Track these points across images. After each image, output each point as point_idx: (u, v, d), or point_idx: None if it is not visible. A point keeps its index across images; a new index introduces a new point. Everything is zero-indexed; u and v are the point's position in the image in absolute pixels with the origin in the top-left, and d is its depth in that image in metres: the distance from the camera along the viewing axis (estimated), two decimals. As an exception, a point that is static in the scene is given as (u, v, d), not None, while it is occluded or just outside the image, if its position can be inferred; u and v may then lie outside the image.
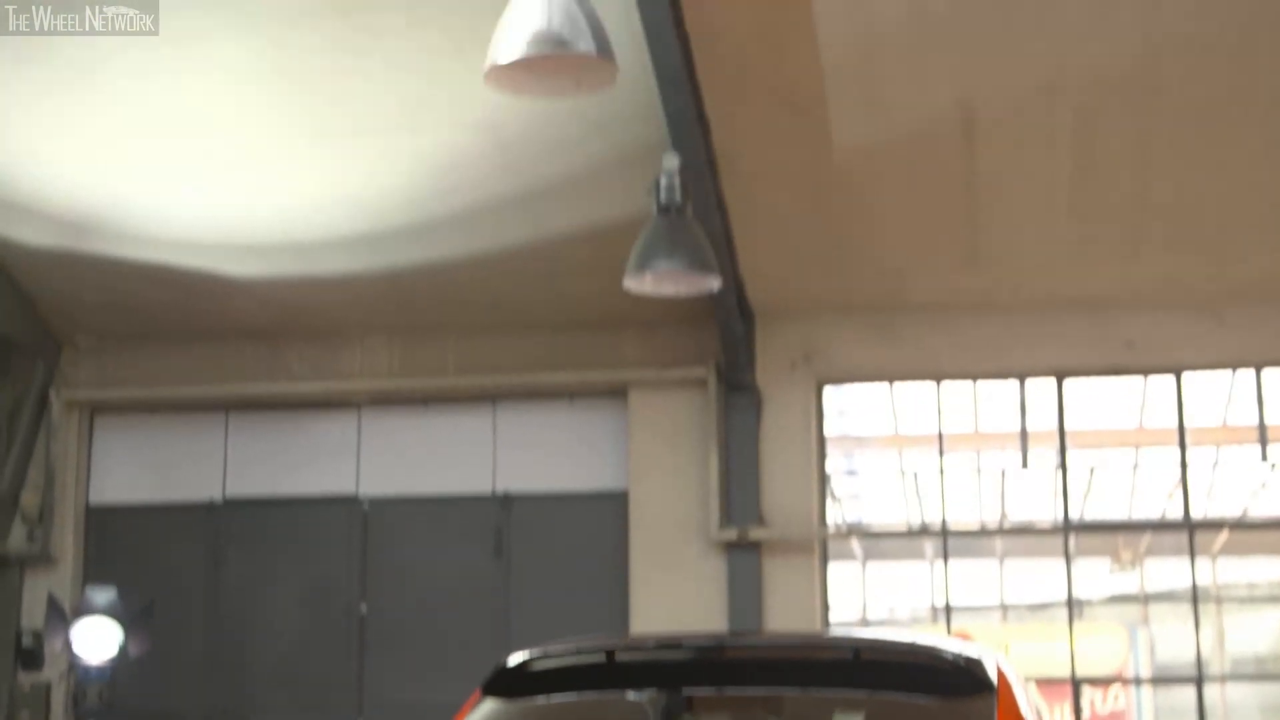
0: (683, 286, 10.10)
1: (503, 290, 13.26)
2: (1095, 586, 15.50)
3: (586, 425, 13.90)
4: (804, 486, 13.38)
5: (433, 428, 14.07)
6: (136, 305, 13.60)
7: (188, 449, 14.29)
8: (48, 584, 13.63)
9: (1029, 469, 14.12)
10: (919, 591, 14.94)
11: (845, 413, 14.65)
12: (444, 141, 11.62)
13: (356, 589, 13.97)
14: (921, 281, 13.04)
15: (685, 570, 13.31)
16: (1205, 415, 14.09)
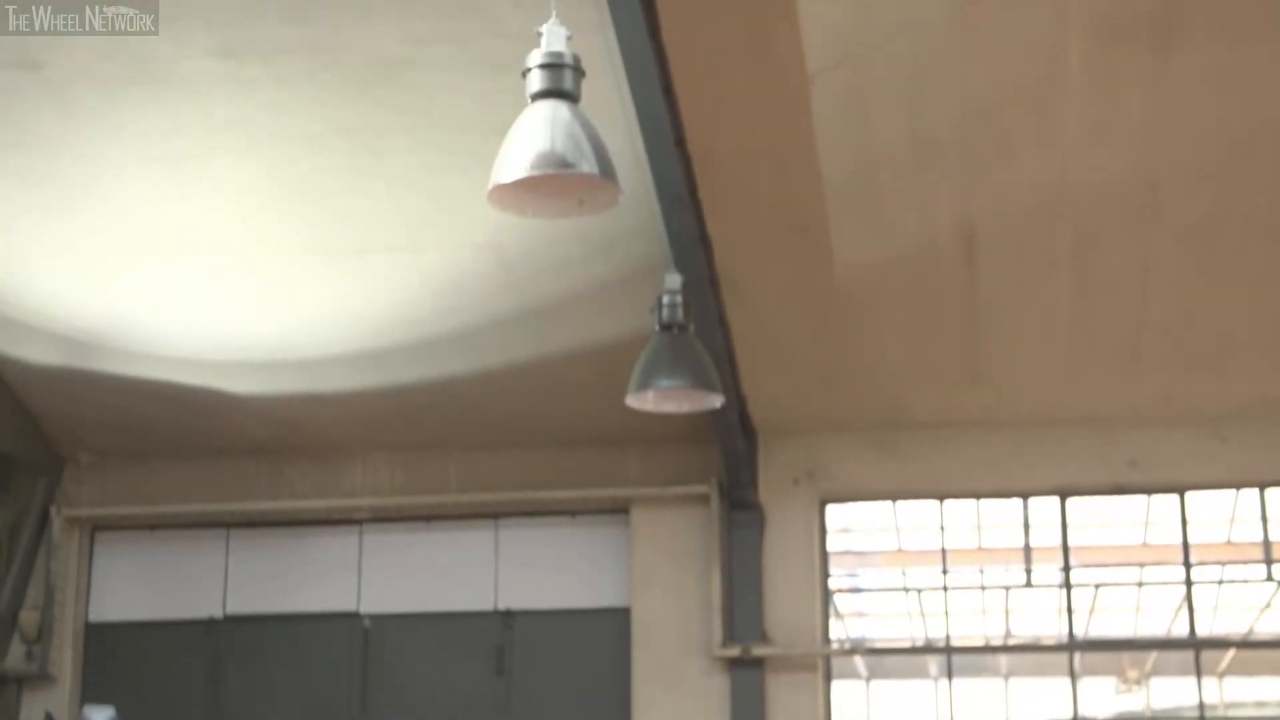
0: (685, 404, 10.12)
1: (505, 407, 13.28)
2: (1101, 704, 15.39)
3: (589, 542, 13.88)
4: (807, 603, 13.34)
5: (434, 544, 14.05)
6: (139, 422, 13.63)
7: (188, 566, 14.26)
8: (46, 703, 13.57)
9: (1033, 586, 14.08)
10: (924, 709, 14.85)
11: (848, 529, 14.63)
12: (447, 260, 11.69)
13: (357, 706, 13.89)
14: (923, 399, 13.07)
15: (688, 687, 13.24)
16: (1209, 533, 14.06)
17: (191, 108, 10.32)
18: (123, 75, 10.04)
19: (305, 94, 10.21)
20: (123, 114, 10.35)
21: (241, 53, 9.90)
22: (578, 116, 5.74)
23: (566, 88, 5.81)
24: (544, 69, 5.84)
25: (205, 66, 9.97)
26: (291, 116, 10.39)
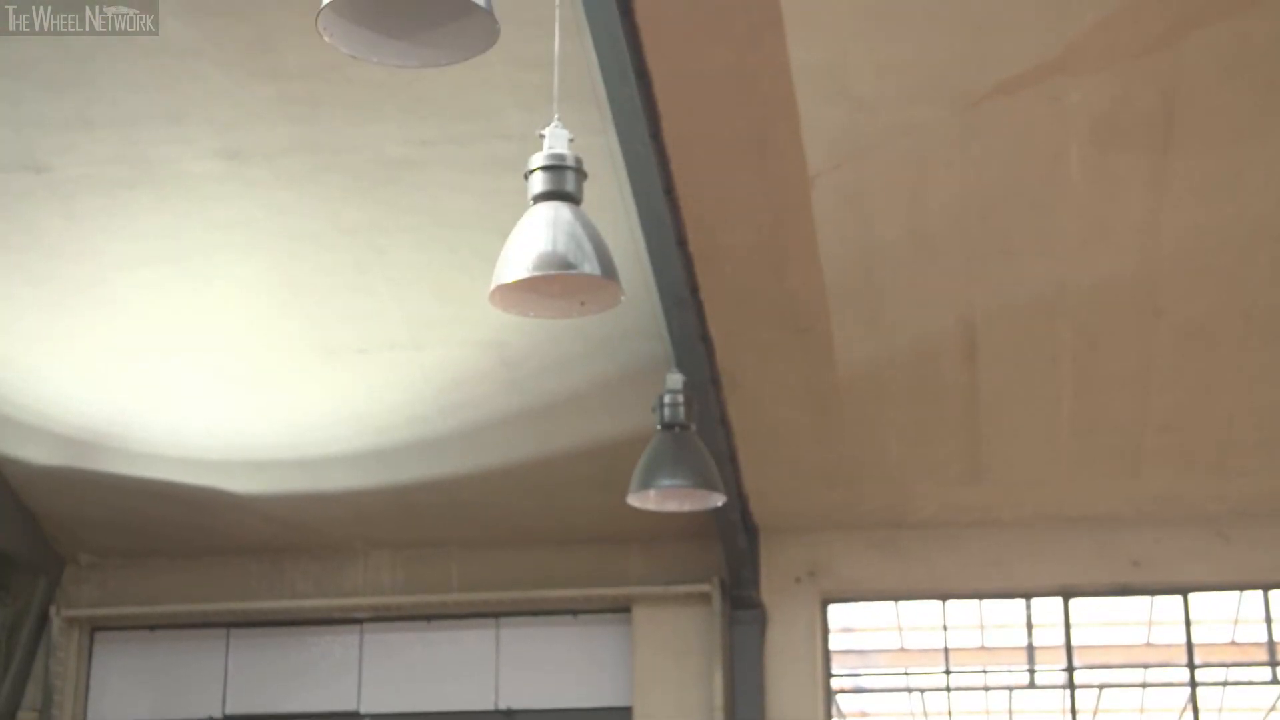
0: (687, 503, 10.12)
1: (507, 505, 13.27)
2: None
3: (590, 640, 13.82)
4: (809, 702, 13.27)
5: (435, 643, 13.99)
6: (140, 522, 13.61)
7: (188, 666, 14.19)
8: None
9: (1036, 686, 14.00)
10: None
11: (850, 628, 14.56)
12: (449, 358, 11.72)
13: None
14: (925, 498, 13.06)
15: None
16: (1214, 633, 13.99)
17: (195, 208, 10.39)
18: (127, 177, 10.13)
19: (309, 193, 10.28)
20: (126, 214, 10.42)
21: (245, 153, 9.98)
22: (579, 217, 5.77)
23: (568, 189, 5.84)
24: (546, 171, 5.87)
25: (209, 167, 10.05)
26: (294, 216, 10.46)
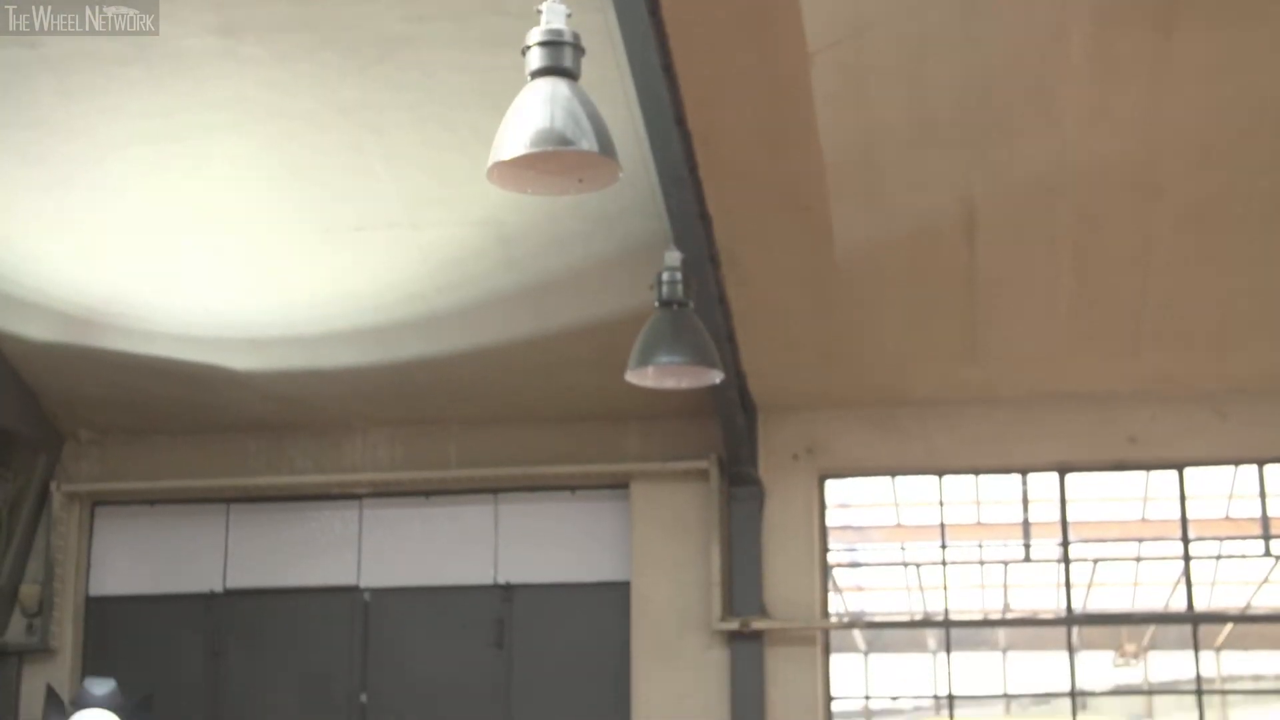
0: (685, 380, 10.14)
1: (505, 383, 13.30)
2: (1099, 678, 15.42)
3: (588, 517, 13.91)
4: (806, 578, 13.37)
5: (434, 519, 14.08)
6: (139, 399, 13.64)
7: (188, 541, 14.29)
8: (46, 675, 13.59)
9: (1032, 561, 14.12)
10: (922, 682, 14.88)
11: (847, 504, 14.65)
12: (447, 237, 11.70)
13: (357, 679, 13.93)
14: (923, 375, 13.08)
15: (687, 661, 13.28)
16: (1208, 508, 14.09)
17: (190, 86, 10.32)
18: (121, 54, 10.04)
19: (304, 72, 10.21)
20: (122, 92, 10.35)
21: (241, 30, 9.90)
22: (577, 94, 5.74)
23: (566, 65, 5.81)
24: (544, 46, 5.84)
25: (204, 44, 9.97)
26: (291, 94, 10.39)
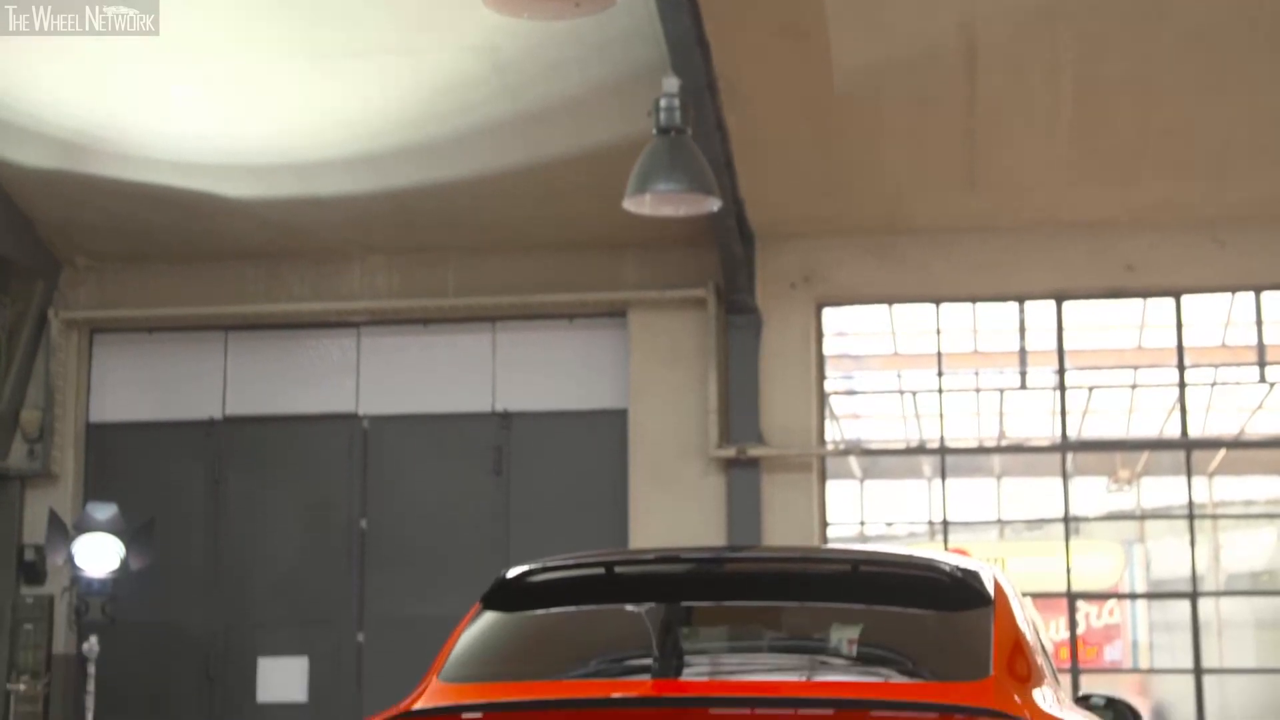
0: (682, 208, 10.12)
1: (502, 211, 13.26)
2: (1092, 504, 15.56)
3: (586, 345, 13.94)
4: (803, 405, 13.44)
5: (432, 347, 14.11)
6: (134, 226, 13.60)
7: (187, 368, 14.33)
8: (49, 500, 13.72)
9: (1028, 388, 14.18)
10: (917, 509, 15.02)
11: (845, 333, 14.68)
12: (442, 63, 11.59)
13: (357, 505, 14.05)
14: (921, 204, 13.05)
15: (684, 488, 13.39)
16: (1204, 336, 14.13)
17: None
18: None
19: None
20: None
21: None
22: (574, -84, 5.66)
23: (563, -110, 5.73)
24: None
25: None
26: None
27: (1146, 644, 15.74)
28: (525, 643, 4.99)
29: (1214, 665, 14.02)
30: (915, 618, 4.86)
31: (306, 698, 13.83)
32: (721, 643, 5.25)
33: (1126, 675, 15.24)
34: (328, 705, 13.64)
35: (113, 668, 13.12)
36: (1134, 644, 15.73)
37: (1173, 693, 14.45)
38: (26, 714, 13.51)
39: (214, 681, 13.91)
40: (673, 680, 4.76)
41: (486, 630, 4.93)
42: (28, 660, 13.65)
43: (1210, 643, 14.21)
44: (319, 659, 13.88)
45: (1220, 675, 14.10)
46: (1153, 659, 15.52)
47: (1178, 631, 14.30)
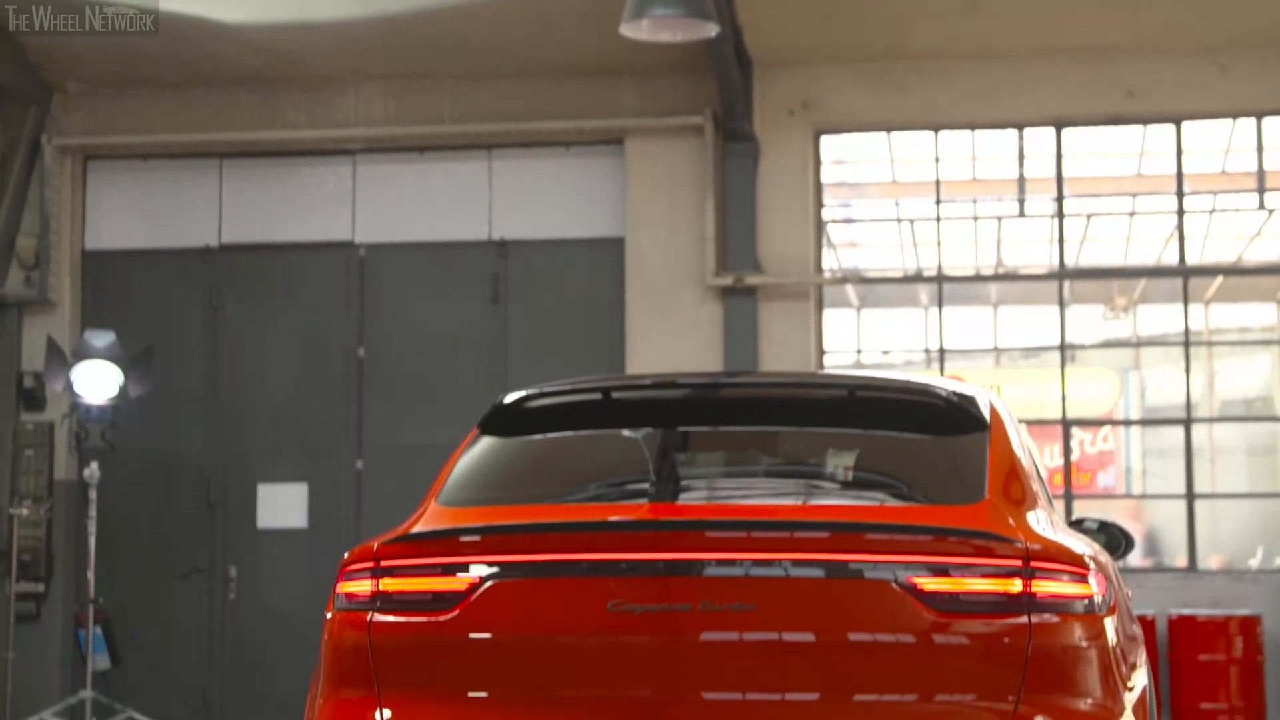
0: (680, 33, 10.03)
1: (499, 37, 13.11)
2: (1088, 332, 15.58)
3: (583, 173, 13.87)
4: (800, 234, 13.41)
5: (428, 174, 14.04)
6: (127, 51, 13.42)
7: (182, 195, 14.26)
8: (46, 327, 13.72)
9: (1026, 216, 14.14)
10: (914, 337, 15.04)
11: (843, 160, 14.60)
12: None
13: (354, 334, 14.07)
14: (921, 29, 12.91)
15: (681, 317, 13.40)
16: (1204, 162, 14.06)
17: None
18: None
19: None
20: None
21: None
22: None
23: None
24: None
25: None
26: None
27: (1140, 470, 15.85)
28: (522, 467, 5.02)
29: (1206, 491, 14.14)
30: (911, 442, 4.89)
31: (306, 524, 13.96)
32: (718, 468, 5.29)
33: (1120, 501, 15.37)
34: (327, 531, 13.76)
35: (114, 494, 13.22)
36: (1127, 470, 15.84)
37: (1165, 518, 14.60)
38: (29, 538, 13.65)
39: (214, 508, 14.03)
40: (669, 504, 4.79)
41: (484, 455, 4.96)
42: (29, 486, 13.76)
43: (1203, 469, 14.32)
44: (318, 486, 13.99)
45: (1212, 500, 14.22)
46: (1146, 485, 15.64)
47: (1171, 458, 14.41)
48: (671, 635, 4.17)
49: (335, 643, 4.40)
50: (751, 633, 4.16)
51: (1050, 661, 4.12)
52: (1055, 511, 4.80)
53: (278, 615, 13.63)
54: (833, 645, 4.15)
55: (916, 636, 4.12)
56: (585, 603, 4.21)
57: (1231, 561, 14.17)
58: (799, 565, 4.18)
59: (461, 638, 4.26)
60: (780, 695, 4.14)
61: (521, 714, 4.18)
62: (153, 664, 13.22)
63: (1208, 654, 12.49)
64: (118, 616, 13.03)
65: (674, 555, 4.20)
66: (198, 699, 13.63)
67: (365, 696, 4.31)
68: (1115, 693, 4.22)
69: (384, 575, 4.34)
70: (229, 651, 13.89)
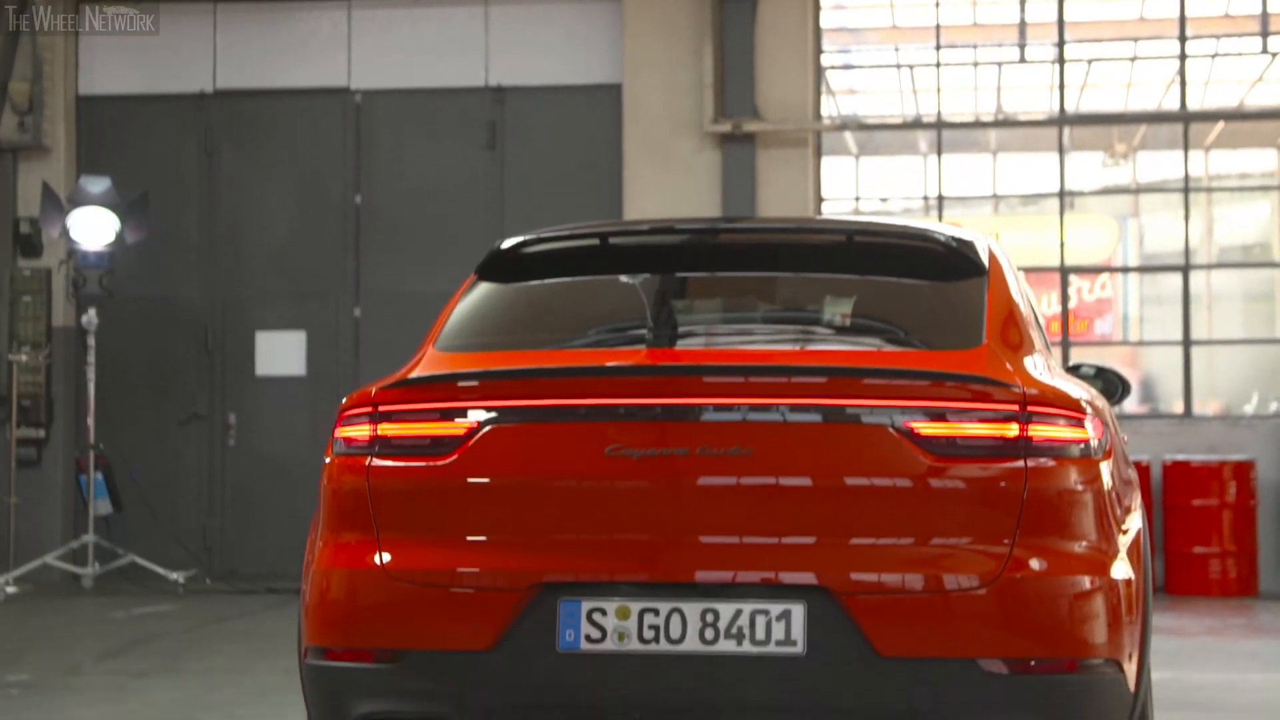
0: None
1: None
2: (1088, 179, 15.50)
3: (580, 18, 13.74)
4: (799, 80, 13.31)
5: (424, 21, 13.90)
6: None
7: (176, 40, 14.10)
8: (41, 173, 13.67)
9: (1026, 62, 14.03)
10: (912, 184, 14.98)
11: (842, 5, 14.45)
12: None
13: (350, 181, 14.01)
14: None
15: (679, 164, 13.34)
16: (1206, 5, 13.92)
17: None
18: None
19: None
20: None
21: None
22: None
23: None
24: None
25: None
26: None
27: (1137, 318, 15.85)
28: (520, 313, 5.01)
29: (1203, 337, 14.17)
30: (909, 288, 4.88)
31: (305, 371, 13.99)
32: (716, 313, 5.28)
33: (1117, 348, 15.40)
34: (326, 378, 13.80)
35: (112, 340, 13.25)
36: (1124, 317, 15.85)
37: (1161, 364, 14.64)
38: (29, 384, 13.69)
39: (213, 355, 14.05)
40: (667, 349, 4.79)
41: (482, 301, 4.94)
42: (28, 332, 13.77)
43: (1200, 315, 14.33)
44: (316, 333, 14.00)
45: (1208, 347, 14.25)
46: (1143, 332, 15.66)
47: (1168, 305, 14.41)
48: (669, 480, 4.18)
49: (334, 487, 4.42)
50: (749, 477, 4.18)
51: (1045, 505, 4.14)
52: (1052, 357, 4.80)
53: (277, 462, 13.71)
54: (829, 490, 4.17)
55: (913, 481, 4.13)
56: (583, 447, 4.22)
57: (1227, 407, 14.23)
58: (796, 410, 4.18)
59: (460, 482, 4.28)
60: (777, 539, 4.16)
61: (519, 557, 4.21)
62: (153, 509, 13.31)
63: (1201, 499, 12.58)
64: (118, 462, 13.10)
65: (672, 400, 4.20)
66: (198, 543, 13.74)
67: (364, 540, 4.33)
68: (1109, 536, 4.25)
69: (382, 420, 4.35)
70: (229, 497, 13.99)
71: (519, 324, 4.94)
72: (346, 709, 4.29)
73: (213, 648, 9.84)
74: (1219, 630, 10.84)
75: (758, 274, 5.13)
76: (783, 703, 4.10)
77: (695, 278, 5.19)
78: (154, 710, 7.52)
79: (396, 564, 4.29)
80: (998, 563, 4.12)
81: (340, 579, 4.37)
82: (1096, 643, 4.14)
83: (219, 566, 13.67)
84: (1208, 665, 9.11)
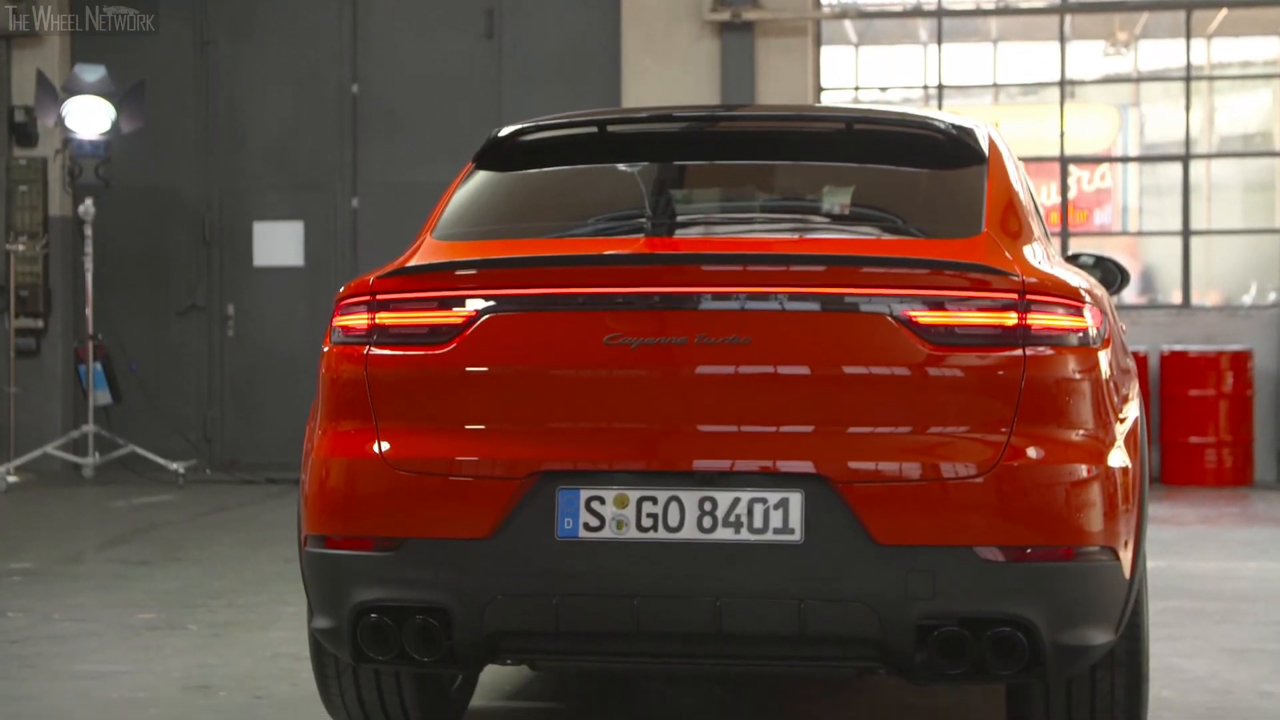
0: None
1: None
2: (1088, 67, 15.40)
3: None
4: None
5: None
6: None
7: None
8: (36, 61, 13.54)
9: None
10: (912, 74, 14.90)
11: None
12: None
13: (347, 70, 13.93)
14: None
15: (678, 54, 13.26)
16: None
17: None
18: None
19: None
20: None
21: None
22: None
23: None
24: None
25: None
26: None
27: (1136, 208, 15.81)
28: (518, 201, 4.99)
29: (1202, 227, 14.14)
30: (909, 176, 4.85)
31: (303, 261, 13.97)
32: (715, 203, 5.26)
33: (1116, 238, 15.37)
34: (324, 268, 13.79)
35: (109, 230, 13.22)
36: (1124, 208, 15.80)
37: (1160, 255, 14.62)
38: (26, 274, 13.68)
39: (210, 245, 14.03)
40: (666, 238, 4.78)
41: (479, 190, 4.92)
42: (24, 222, 13.74)
43: (1199, 205, 14.29)
44: (314, 223, 13.97)
45: (1207, 237, 14.23)
46: (1142, 222, 15.62)
47: (1168, 195, 14.37)
48: (667, 368, 4.18)
49: (332, 376, 4.42)
50: (747, 366, 4.17)
51: (1043, 394, 4.14)
52: (1052, 246, 4.78)
53: (276, 352, 13.73)
54: (828, 378, 4.16)
55: (911, 369, 4.13)
56: (581, 336, 4.21)
57: (1225, 297, 14.22)
58: (795, 299, 4.17)
59: (458, 371, 4.27)
60: (775, 428, 4.16)
61: (517, 446, 4.21)
62: (153, 400, 13.34)
63: (1198, 389, 12.61)
64: (117, 352, 13.11)
65: (670, 288, 4.19)
66: (198, 434, 13.78)
67: (363, 428, 4.34)
68: (1107, 425, 4.25)
69: (380, 309, 4.34)
70: (228, 387, 14.02)
71: (517, 212, 4.92)
72: (346, 597, 4.31)
73: (213, 537, 9.89)
74: (1214, 519, 10.89)
75: (757, 162, 5.11)
76: (780, 590, 4.12)
77: (694, 166, 5.16)
78: (154, 598, 7.56)
79: (395, 452, 4.30)
80: (995, 451, 4.12)
81: (339, 467, 4.37)
82: (1093, 530, 4.15)
83: (219, 457, 13.73)
84: (1203, 554, 9.17)
